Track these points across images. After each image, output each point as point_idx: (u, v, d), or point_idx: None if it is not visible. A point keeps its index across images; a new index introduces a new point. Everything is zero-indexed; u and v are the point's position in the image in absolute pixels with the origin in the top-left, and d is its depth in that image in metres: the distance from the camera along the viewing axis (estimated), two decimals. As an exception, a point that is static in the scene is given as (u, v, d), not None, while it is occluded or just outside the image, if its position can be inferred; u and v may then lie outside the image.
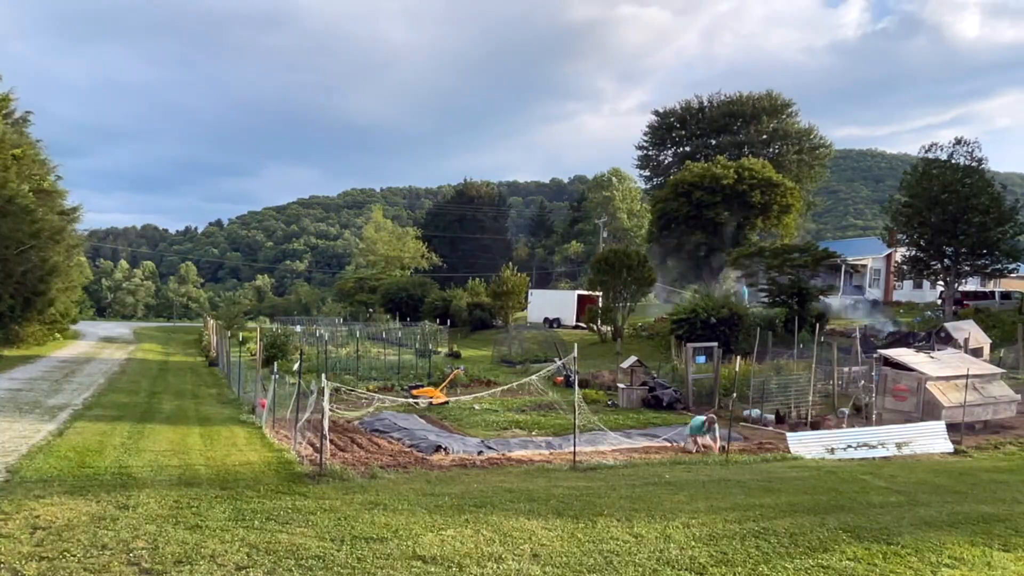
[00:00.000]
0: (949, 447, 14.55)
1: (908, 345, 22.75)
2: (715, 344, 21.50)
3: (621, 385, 21.49)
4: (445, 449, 13.15)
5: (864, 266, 46.70)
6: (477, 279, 54.48)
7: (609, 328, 37.04)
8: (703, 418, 14.45)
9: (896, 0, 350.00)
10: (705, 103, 68.46)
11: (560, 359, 23.71)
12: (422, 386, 21.34)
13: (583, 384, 21.79)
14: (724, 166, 48.06)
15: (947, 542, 6.92)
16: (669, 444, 14.66)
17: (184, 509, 7.45)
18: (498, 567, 5.86)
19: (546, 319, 46.26)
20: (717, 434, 14.17)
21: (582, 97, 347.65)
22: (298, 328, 39.07)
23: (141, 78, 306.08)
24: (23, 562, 5.69)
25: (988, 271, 32.16)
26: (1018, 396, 17.34)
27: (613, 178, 79.30)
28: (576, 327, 43.28)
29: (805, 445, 13.89)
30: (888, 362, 17.50)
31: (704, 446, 14.09)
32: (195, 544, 6.23)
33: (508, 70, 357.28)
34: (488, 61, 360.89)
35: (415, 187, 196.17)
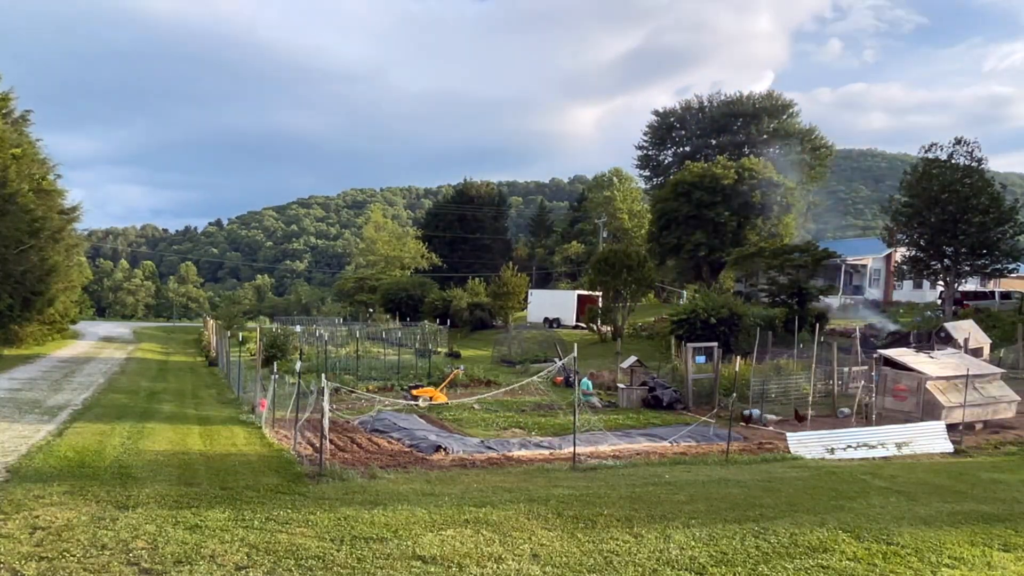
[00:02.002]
0: (949, 447, 14.55)
1: (908, 345, 22.76)
2: (715, 344, 21.50)
3: (621, 385, 21.49)
4: (445, 449, 13.14)
5: (864, 266, 46.72)
6: (477, 279, 54.42)
7: (609, 328, 37.03)
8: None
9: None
10: (705, 103, 68.50)
11: (560, 359, 23.72)
12: (422, 386, 21.33)
13: (583, 384, 21.80)
14: (724, 166, 48.08)
15: (947, 542, 6.92)
16: (669, 444, 14.66)
17: (184, 509, 7.45)
18: (498, 567, 5.86)
19: (546, 319, 46.25)
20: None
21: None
22: (298, 328, 39.07)
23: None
24: (23, 562, 5.69)
25: (988, 271, 32.16)
26: (1018, 396, 17.34)
27: (614, 178, 79.26)
28: (576, 327, 43.26)
29: (805, 445, 13.88)
30: (888, 362, 17.50)
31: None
32: (195, 544, 6.22)
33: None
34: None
35: (415, 187, 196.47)
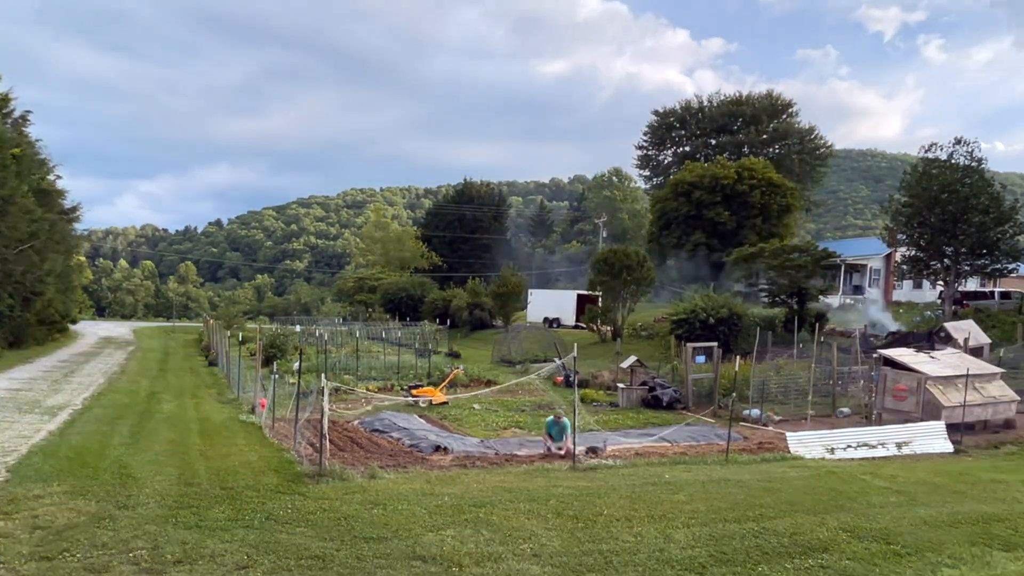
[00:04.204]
0: (949, 447, 14.55)
1: (908, 345, 22.74)
2: (715, 344, 21.50)
3: (621, 385, 21.48)
4: (445, 449, 13.14)
5: (864, 266, 46.72)
6: (477, 279, 54.42)
7: (609, 328, 37.03)
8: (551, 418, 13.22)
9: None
10: (705, 103, 68.42)
11: (560, 359, 23.71)
12: (422, 386, 21.32)
13: (583, 384, 21.78)
14: (724, 166, 48.08)
15: (947, 542, 6.92)
16: (669, 444, 14.66)
17: (184, 509, 7.44)
18: (498, 567, 5.86)
19: (546, 319, 46.25)
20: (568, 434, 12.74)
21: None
22: (297, 328, 39.05)
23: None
24: (23, 562, 5.69)
25: (988, 271, 32.15)
26: (1018, 396, 17.34)
27: (614, 178, 79.34)
28: (576, 327, 43.25)
29: (805, 445, 13.88)
30: (888, 362, 17.49)
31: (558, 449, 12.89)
32: (195, 544, 6.22)
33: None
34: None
35: (415, 187, 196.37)
